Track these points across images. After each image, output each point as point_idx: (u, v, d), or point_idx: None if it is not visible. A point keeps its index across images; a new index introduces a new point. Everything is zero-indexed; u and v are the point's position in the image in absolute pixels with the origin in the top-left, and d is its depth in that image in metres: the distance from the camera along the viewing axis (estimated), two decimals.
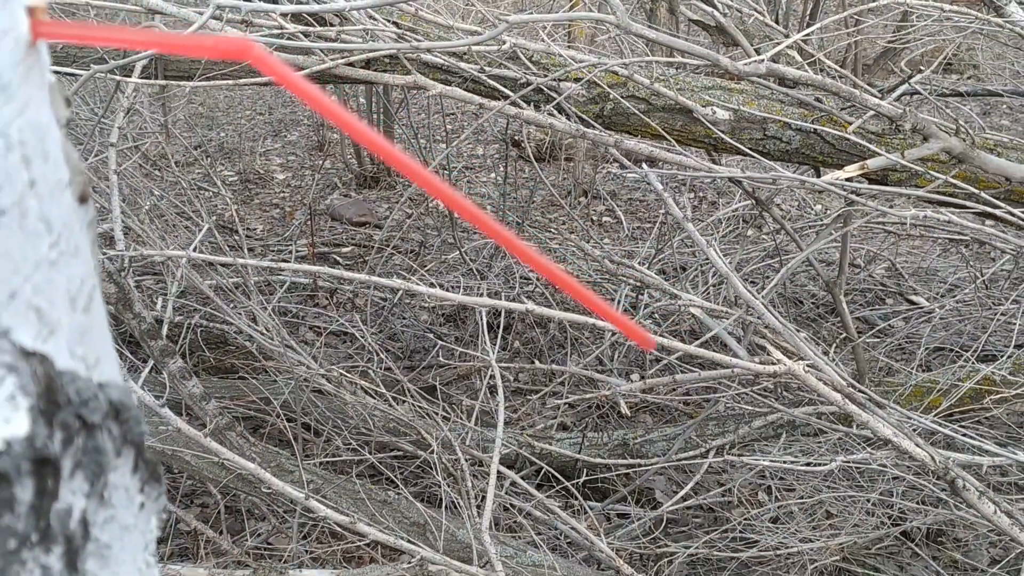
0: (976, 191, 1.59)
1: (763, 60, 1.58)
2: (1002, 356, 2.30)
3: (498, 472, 1.94)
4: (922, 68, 1.90)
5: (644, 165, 1.75)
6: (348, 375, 2.23)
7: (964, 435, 1.80)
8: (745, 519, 2.30)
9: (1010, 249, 1.83)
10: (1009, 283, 2.88)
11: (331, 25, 1.61)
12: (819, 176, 2.22)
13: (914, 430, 1.84)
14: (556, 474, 2.29)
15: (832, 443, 2.41)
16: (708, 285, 3.66)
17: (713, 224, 4.55)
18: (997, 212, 1.50)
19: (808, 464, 1.83)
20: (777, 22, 7.11)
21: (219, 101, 6.80)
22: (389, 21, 1.85)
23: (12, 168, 0.27)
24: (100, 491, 0.32)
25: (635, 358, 3.52)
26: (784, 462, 1.78)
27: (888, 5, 1.73)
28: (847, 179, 2.03)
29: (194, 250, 2.47)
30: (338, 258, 4.52)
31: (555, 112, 1.76)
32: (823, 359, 1.65)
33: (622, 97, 2.02)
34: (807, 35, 1.68)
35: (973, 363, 2.17)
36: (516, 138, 5.55)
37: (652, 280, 2.47)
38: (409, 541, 1.69)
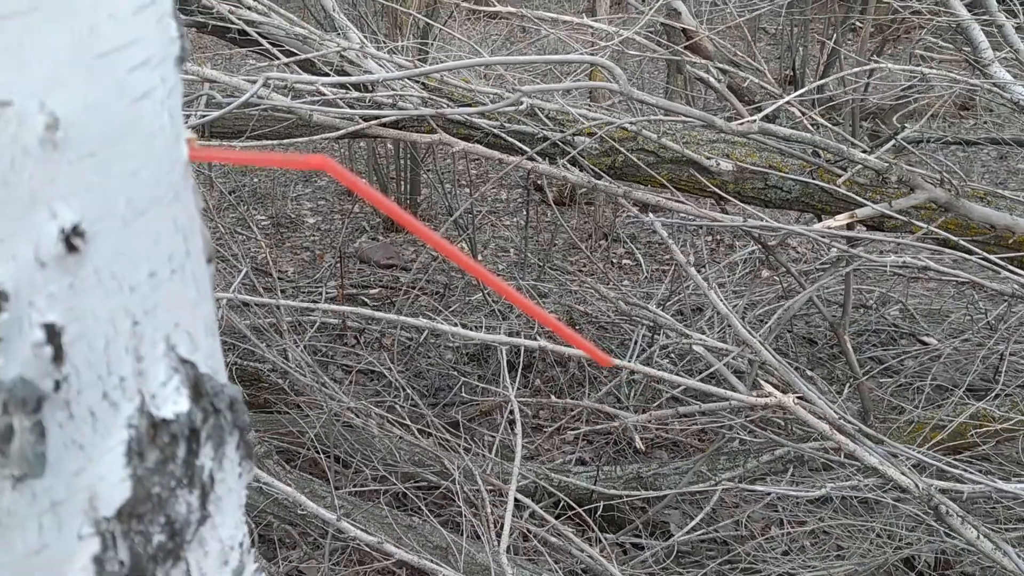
0: (955, 238, 1.72)
1: (755, 120, 1.73)
2: (1000, 395, 2.40)
3: (516, 500, 2.07)
4: (906, 124, 2.04)
5: (650, 214, 1.89)
6: (376, 409, 2.38)
7: (953, 467, 1.91)
8: (755, 550, 2.40)
9: (1007, 293, 1.95)
10: (1006, 323, 2.98)
11: (366, 89, 1.80)
12: (820, 222, 2.35)
13: (914, 464, 1.95)
14: (572, 504, 2.41)
15: (841, 479, 2.51)
16: (724, 326, 3.78)
17: (729, 267, 4.68)
18: (972, 257, 1.63)
19: (806, 491, 1.95)
20: (794, 71, 7.23)
21: (253, 149, 7.05)
22: (417, 83, 2.03)
23: (178, 244, 0.43)
24: (220, 458, 0.47)
25: (651, 396, 3.63)
26: (781, 489, 1.90)
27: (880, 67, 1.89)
28: (847, 226, 2.17)
29: (233, 292, 2.65)
30: (366, 299, 4.69)
31: (568, 165, 1.92)
32: (816, 393, 1.77)
33: (632, 150, 2.18)
34: (800, 95, 1.84)
35: (962, 399, 2.27)
36: (538, 183, 5.73)
37: (664, 320, 2.61)
38: (432, 562, 1.82)
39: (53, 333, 0.34)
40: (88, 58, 0.34)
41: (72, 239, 0.34)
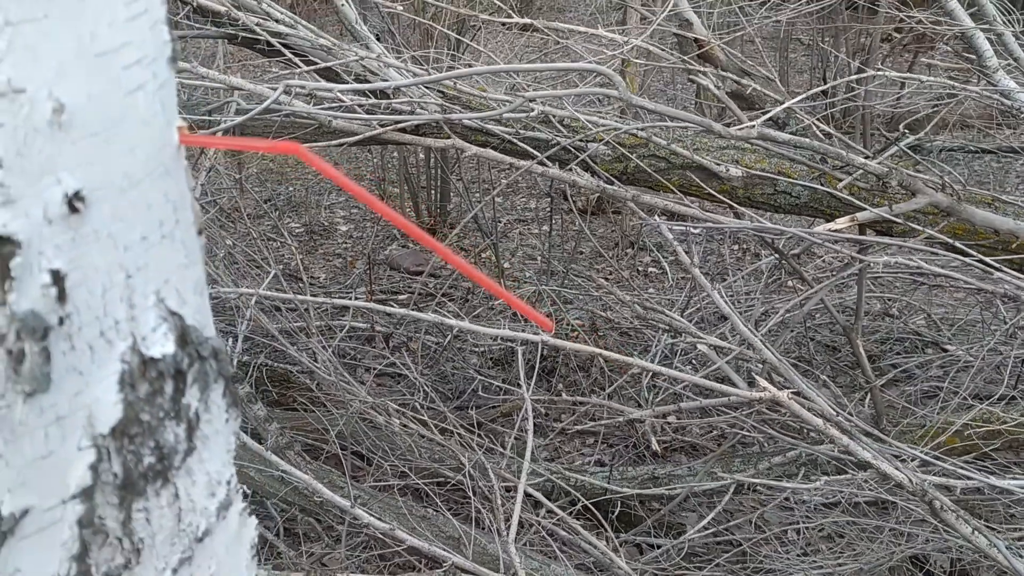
0: (959, 243, 1.76)
1: (754, 126, 1.79)
2: (1006, 398, 2.42)
3: (528, 495, 2.13)
4: (907, 131, 2.08)
5: (655, 216, 1.96)
6: (395, 406, 2.46)
7: (957, 467, 1.94)
8: (766, 550, 2.44)
9: (1008, 293, 1.98)
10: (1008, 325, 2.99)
11: (385, 96, 1.88)
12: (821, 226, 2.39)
13: (920, 465, 1.99)
14: (587, 503, 2.47)
15: (858, 482, 2.54)
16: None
17: (755, 275, 4.71)
18: (968, 260, 1.67)
19: (804, 486, 1.99)
20: (824, 81, 7.24)
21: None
22: (434, 90, 2.12)
23: (169, 213, 0.51)
24: (205, 400, 0.55)
25: (671, 401, 3.68)
26: (782, 483, 1.94)
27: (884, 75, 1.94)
28: (858, 230, 2.21)
29: (262, 290, 2.75)
30: (395, 304, 4.79)
31: (579, 169, 1.99)
32: (817, 393, 1.82)
33: (643, 156, 2.25)
34: (799, 101, 1.90)
35: (964, 401, 2.30)
36: (565, 192, 5.79)
37: (680, 324, 2.66)
38: (443, 550, 1.89)
39: (58, 277, 0.42)
40: (89, 57, 0.43)
41: (74, 202, 0.42)
